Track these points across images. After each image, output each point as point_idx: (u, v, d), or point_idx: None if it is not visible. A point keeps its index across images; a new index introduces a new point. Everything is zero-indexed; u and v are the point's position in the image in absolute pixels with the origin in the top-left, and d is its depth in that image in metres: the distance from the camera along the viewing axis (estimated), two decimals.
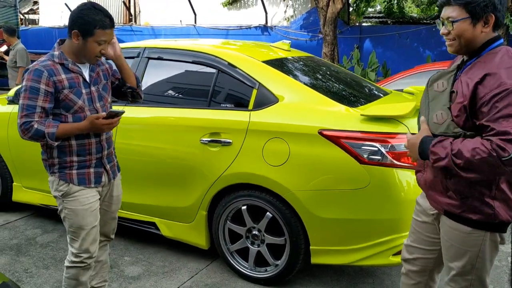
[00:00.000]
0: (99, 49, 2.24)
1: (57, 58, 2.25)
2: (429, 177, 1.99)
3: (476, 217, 1.85)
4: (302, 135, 2.82)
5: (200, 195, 3.14)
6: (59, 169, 2.32)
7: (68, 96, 2.24)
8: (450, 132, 1.80)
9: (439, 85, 1.93)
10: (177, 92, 3.50)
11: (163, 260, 3.44)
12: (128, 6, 15.12)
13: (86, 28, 2.18)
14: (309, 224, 2.84)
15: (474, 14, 1.76)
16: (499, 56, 1.75)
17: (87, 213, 2.35)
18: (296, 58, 3.61)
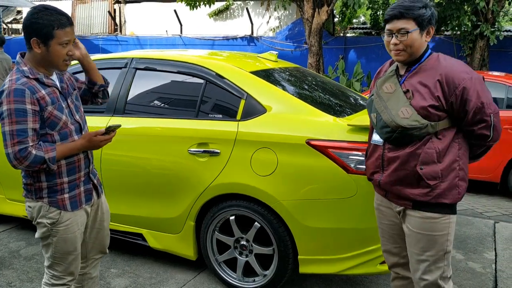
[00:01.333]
0: (65, 51, 2.05)
1: (29, 74, 2.05)
2: (397, 173, 2.13)
3: (447, 200, 2.06)
4: (289, 145, 2.84)
5: (188, 205, 3.13)
6: (49, 194, 2.12)
7: (52, 112, 2.07)
8: (418, 123, 2.02)
9: (387, 87, 2.18)
10: (165, 103, 3.50)
11: (150, 271, 3.41)
12: (114, 16, 15.09)
13: (44, 32, 1.99)
14: (297, 234, 2.85)
15: (421, 25, 2.05)
16: (441, 59, 2.07)
17: (76, 240, 2.21)
18: (283, 69, 3.64)
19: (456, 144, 2.07)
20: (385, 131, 2.12)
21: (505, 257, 3.74)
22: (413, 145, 2.06)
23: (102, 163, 3.39)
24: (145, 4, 14.78)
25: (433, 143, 2.04)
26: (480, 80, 2.02)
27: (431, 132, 2.03)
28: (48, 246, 2.19)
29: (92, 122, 3.46)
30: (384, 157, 2.17)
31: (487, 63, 9.48)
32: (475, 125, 2.03)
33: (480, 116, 2.00)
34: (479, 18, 9.03)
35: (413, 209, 2.11)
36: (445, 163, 2.04)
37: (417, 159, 2.05)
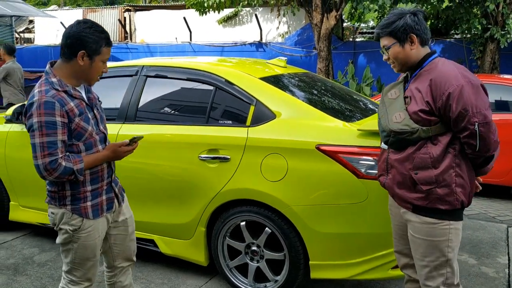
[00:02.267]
0: (102, 68, 2.17)
1: (58, 86, 2.10)
2: (396, 178, 2.19)
3: (444, 207, 2.08)
4: (299, 151, 2.85)
5: (198, 211, 3.15)
6: (72, 202, 2.17)
7: (79, 124, 2.12)
8: (409, 128, 2.08)
9: (392, 93, 2.26)
10: (175, 109, 3.53)
11: (162, 277, 3.43)
12: (124, 24, 15.25)
13: (94, 48, 2.09)
14: (308, 239, 2.85)
15: (398, 38, 2.14)
16: (440, 64, 2.11)
17: (96, 246, 2.26)
18: (292, 75, 3.66)
19: (453, 150, 2.07)
20: (383, 135, 2.24)
21: None
22: (409, 150, 2.11)
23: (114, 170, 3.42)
24: (155, 12, 14.92)
25: (428, 148, 2.07)
26: (473, 87, 2.00)
27: (424, 137, 2.07)
28: (68, 251, 2.23)
29: None
30: (388, 160, 2.24)
31: (498, 66, 9.40)
32: (460, 133, 2.03)
33: (463, 123, 1.99)
34: (489, 21, 8.97)
35: (413, 212, 2.16)
36: (441, 169, 2.06)
37: (412, 163, 2.10)
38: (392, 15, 2.17)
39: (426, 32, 2.17)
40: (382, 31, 2.18)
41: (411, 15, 2.14)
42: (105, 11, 15.86)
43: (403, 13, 2.15)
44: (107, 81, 3.72)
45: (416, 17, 2.14)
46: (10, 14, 12.74)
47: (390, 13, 2.20)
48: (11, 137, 3.96)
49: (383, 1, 8.53)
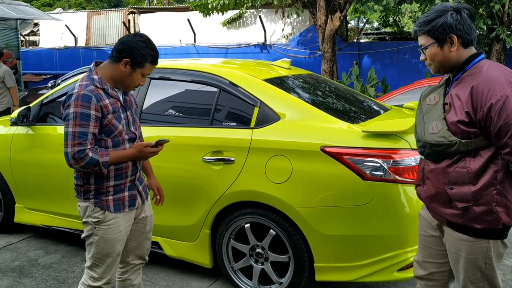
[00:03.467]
0: (140, 80, 2.29)
1: (98, 83, 2.23)
2: (430, 190, 2.04)
3: (480, 226, 1.90)
4: (304, 152, 2.83)
5: (203, 213, 3.14)
6: (95, 195, 2.28)
7: (111, 121, 2.23)
8: (446, 140, 1.90)
9: (431, 99, 2.07)
10: (179, 111, 3.53)
11: (166, 279, 3.42)
12: (128, 26, 15.29)
13: (139, 60, 2.21)
14: (313, 241, 2.84)
15: (437, 38, 1.95)
16: (484, 68, 1.89)
17: (117, 242, 2.33)
18: (297, 76, 3.65)
19: (495, 165, 1.87)
20: (419, 146, 2.07)
21: None
22: (445, 162, 1.94)
23: None
24: (159, 14, 14.96)
25: (466, 162, 1.89)
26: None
27: (464, 151, 1.89)
28: (91, 245, 2.33)
29: None
30: (425, 170, 2.08)
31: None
32: (501, 149, 1.83)
33: (505, 139, 1.79)
34: (494, 21, 8.93)
35: (448, 227, 2.02)
36: (479, 185, 1.87)
37: (447, 178, 1.94)
38: (433, 11, 1.97)
39: (470, 32, 1.94)
40: (420, 29, 2.00)
41: (454, 12, 1.92)
42: (110, 14, 15.92)
43: (445, 10, 1.94)
44: None
45: (459, 15, 1.92)
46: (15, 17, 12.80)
47: (431, 9, 2.00)
48: (16, 139, 3.97)
49: (387, 1, 8.51)
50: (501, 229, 1.91)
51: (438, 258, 2.17)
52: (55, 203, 3.79)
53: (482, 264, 1.96)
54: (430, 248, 2.19)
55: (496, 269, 1.99)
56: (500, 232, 1.92)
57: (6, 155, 4.01)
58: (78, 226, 3.73)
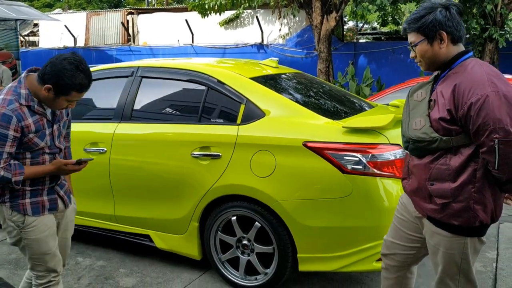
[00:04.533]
0: (66, 105, 2.20)
1: (23, 100, 2.13)
2: (413, 184, 2.12)
3: (458, 222, 1.96)
4: (287, 147, 2.95)
5: (192, 207, 3.26)
6: (10, 198, 2.21)
7: (32, 139, 2.17)
8: (427, 137, 1.95)
9: (418, 95, 2.10)
10: (169, 109, 3.65)
11: (157, 271, 3.54)
12: (127, 26, 15.41)
13: (62, 89, 2.10)
14: (296, 233, 2.95)
15: (427, 35, 1.96)
16: (469, 66, 1.92)
17: (49, 239, 2.29)
18: (283, 75, 3.76)
19: (475, 164, 1.90)
20: (403, 141, 2.14)
21: (506, 256, 3.78)
22: (427, 158, 2.00)
23: (110, 167, 3.54)
24: (157, 15, 15.08)
25: (447, 159, 1.93)
26: (500, 98, 1.79)
27: (444, 147, 1.93)
28: (24, 249, 2.29)
29: (100, 128, 3.64)
30: (409, 165, 2.14)
31: (497, 66, 9.44)
32: (479, 147, 1.86)
33: (482, 138, 1.82)
34: (487, 21, 9.04)
35: (428, 220, 2.08)
36: (458, 183, 1.92)
37: (429, 174, 1.99)
38: (422, 8, 1.99)
39: (459, 28, 1.96)
40: (409, 26, 2.01)
41: (443, 9, 1.95)
42: (109, 14, 16.05)
43: (434, 7, 1.96)
44: (104, 82, 3.86)
45: (448, 11, 1.94)
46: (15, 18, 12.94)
47: (420, 6, 2.02)
48: None
49: (381, 1, 8.62)
50: (478, 227, 1.96)
51: (406, 242, 2.25)
52: None
53: (459, 259, 2.03)
54: (401, 231, 2.27)
55: (471, 264, 2.05)
56: (478, 230, 1.98)
57: None
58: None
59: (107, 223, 3.70)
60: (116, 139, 3.55)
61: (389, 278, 2.38)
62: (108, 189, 3.60)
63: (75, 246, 3.99)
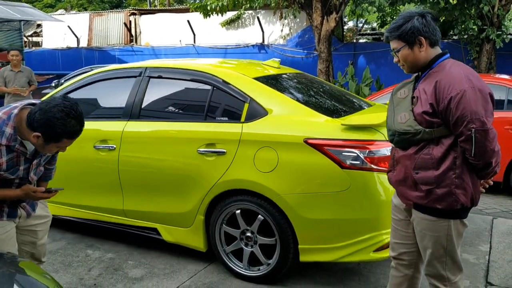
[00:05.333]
0: (55, 150, 2.19)
1: (5, 139, 2.12)
2: (399, 175, 2.30)
3: (441, 206, 2.16)
4: (289, 144, 3.11)
5: (197, 201, 3.41)
6: None
7: (2, 175, 2.19)
8: (412, 129, 2.15)
9: (401, 93, 2.30)
10: (176, 107, 3.81)
11: (164, 263, 3.70)
12: (129, 27, 15.57)
13: (53, 137, 2.08)
14: (297, 225, 3.11)
15: (407, 41, 2.17)
16: (448, 66, 2.14)
17: (5, 242, 2.31)
18: (285, 75, 3.92)
19: (454, 152, 2.10)
20: (389, 134, 2.32)
21: (499, 249, 3.94)
22: (411, 149, 2.18)
23: (120, 164, 3.70)
24: (159, 15, 15.24)
25: (430, 149, 2.13)
26: (475, 93, 2.01)
27: (427, 138, 2.12)
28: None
29: (110, 126, 3.80)
30: (395, 157, 2.32)
31: (494, 66, 9.61)
32: (458, 137, 2.07)
33: (461, 128, 2.02)
34: (484, 22, 9.20)
35: (414, 209, 2.27)
36: (441, 170, 2.11)
37: (413, 163, 2.17)
38: (400, 17, 2.19)
39: (435, 33, 2.18)
40: (391, 34, 2.21)
41: (419, 17, 2.15)
42: (111, 15, 16.21)
43: (411, 16, 2.16)
44: (113, 82, 4.02)
45: (424, 19, 2.15)
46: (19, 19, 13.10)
47: (399, 16, 2.21)
48: None
49: (379, 2, 8.77)
50: (459, 209, 2.17)
51: (406, 240, 2.43)
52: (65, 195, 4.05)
53: (444, 241, 2.23)
54: (399, 231, 2.45)
55: (456, 246, 2.25)
56: (459, 212, 2.18)
57: None
58: (82, 215, 4.02)
59: (116, 217, 3.86)
60: (125, 136, 3.71)
61: (397, 276, 2.52)
62: (117, 185, 3.76)
63: (84, 240, 4.16)
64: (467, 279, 3.39)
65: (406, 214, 2.38)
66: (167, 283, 3.38)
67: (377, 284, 3.36)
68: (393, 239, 2.51)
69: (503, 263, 3.68)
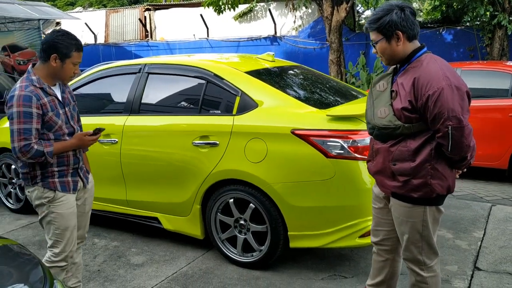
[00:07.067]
0: (73, 69, 2.53)
1: (36, 83, 2.48)
2: (378, 165, 2.40)
3: (417, 195, 2.26)
4: (277, 135, 3.24)
5: (194, 191, 3.58)
6: (42, 179, 2.54)
7: (52, 117, 2.50)
8: (392, 124, 2.22)
9: (380, 86, 2.37)
10: (173, 102, 3.97)
11: (164, 250, 3.89)
12: (144, 23, 15.83)
13: (65, 52, 2.46)
14: (286, 212, 3.24)
15: (385, 34, 2.23)
16: (425, 62, 2.19)
17: (72, 216, 2.62)
18: (279, 68, 4.03)
19: (430, 145, 2.18)
20: (368, 127, 2.40)
21: (492, 236, 3.99)
22: (390, 142, 2.27)
23: (122, 157, 3.90)
24: (173, 10, 15.44)
25: (407, 143, 2.21)
26: (453, 91, 2.07)
27: (406, 133, 2.20)
28: (49, 224, 2.60)
29: (112, 121, 3.99)
30: (374, 148, 2.41)
31: (507, 53, 9.49)
32: (435, 133, 2.14)
33: (438, 125, 2.10)
34: (496, 8, 9.07)
35: (392, 197, 2.37)
36: (417, 162, 2.19)
37: (391, 156, 2.26)
38: (380, 9, 2.23)
39: (414, 27, 2.21)
40: (370, 26, 2.26)
41: (398, 11, 2.19)
42: (127, 11, 16.49)
43: (390, 9, 2.20)
44: (114, 79, 4.21)
45: (403, 13, 2.18)
46: (38, 18, 13.48)
47: (379, 7, 2.26)
48: None
49: None
50: (435, 197, 2.27)
51: (386, 226, 2.55)
52: None
53: (420, 227, 2.33)
54: (379, 218, 2.57)
55: (432, 232, 2.35)
56: (434, 200, 2.28)
57: None
58: None
59: (120, 207, 4.06)
60: (126, 130, 3.89)
61: (379, 261, 2.65)
62: (120, 177, 3.96)
63: (92, 229, 4.37)
64: (455, 264, 3.48)
65: (385, 202, 2.49)
66: (166, 269, 3.56)
67: (367, 269, 3.47)
68: (374, 226, 2.63)
69: (494, 248, 3.74)
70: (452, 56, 11.03)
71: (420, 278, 2.41)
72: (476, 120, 6.22)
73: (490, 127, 5.82)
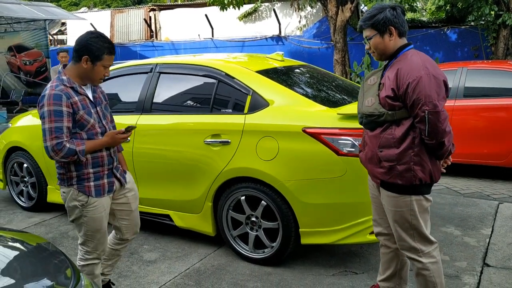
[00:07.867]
0: (104, 72, 2.57)
1: (67, 83, 2.51)
2: (368, 154, 2.55)
3: (401, 181, 2.39)
4: (288, 133, 3.29)
5: (205, 188, 3.64)
6: (78, 182, 2.56)
7: (83, 116, 2.52)
8: (377, 111, 2.40)
9: (371, 80, 2.56)
10: (184, 101, 4.03)
11: (176, 247, 3.95)
12: (149, 23, 15.90)
13: (96, 54, 2.48)
14: (297, 209, 3.30)
15: (379, 29, 2.42)
16: (409, 55, 2.39)
17: (104, 219, 2.65)
18: (288, 67, 4.09)
19: (413, 133, 2.34)
20: (359, 117, 2.58)
21: (500, 233, 4.03)
22: (377, 130, 2.43)
23: (134, 156, 3.96)
24: (178, 10, 15.51)
25: (392, 130, 2.37)
26: (430, 79, 2.26)
27: (390, 120, 2.36)
28: (81, 225, 2.64)
29: (123, 120, 4.05)
30: (365, 138, 2.57)
31: None
32: (414, 118, 2.30)
33: (416, 110, 2.26)
34: (501, 7, 9.10)
35: (381, 187, 2.50)
36: (401, 149, 2.35)
37: (378, 143, 2.42)
38: (374, 9, 2.43)
39: (404, 25, 2.43)
40: (365, 23, 2.44)
41: (391, 9, 2.40)
42: (132, 11, 16.57)
43: (384, 8, 2.40)
44: (126, 78, 4.27)
45: (395, 11, 2.40)
46: (44, 18, 13.58)
47: (372, 7, 2.46)
48: None
49: None
50: (419, 185, 2.39)
51: (385, 215, 2.64)
52: None
53: (408, 216, 2.45)
54: (378, 207, 2.69)
55: (421, 221, 2.46)
56: (419, 188, 2.41)
57: (40, 144, 4.59)
58: None
59: None
60: (138, 129, 3.94)
61: (387, 252, 2.75)
62: (132, 175, 4.00)
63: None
64: (464, 261, 3.52)
65: (378, 191, 2.61)
66: (179, 265, 3.62)
67: (377, 265, 3.51)
68: (375, 216, 2.75)
69: (502, 245, 3.79)
70: (456, 56, 11.07)
71: (421, 265, 2.50)
72: (481, 119, 6.29)
73: (496, 126, 5.85)
